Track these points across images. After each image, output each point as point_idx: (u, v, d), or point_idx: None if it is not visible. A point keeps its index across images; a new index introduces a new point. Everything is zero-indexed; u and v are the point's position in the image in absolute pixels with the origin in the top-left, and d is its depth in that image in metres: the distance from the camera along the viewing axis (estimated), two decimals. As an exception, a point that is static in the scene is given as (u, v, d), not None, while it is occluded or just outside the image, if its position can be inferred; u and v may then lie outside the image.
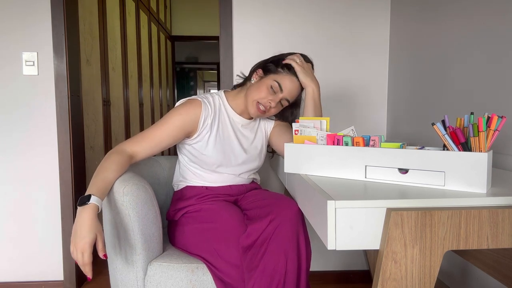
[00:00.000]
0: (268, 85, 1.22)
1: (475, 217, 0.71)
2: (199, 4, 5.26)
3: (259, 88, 1.23)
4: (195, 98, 1.27)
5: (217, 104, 1.30)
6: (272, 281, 1.03)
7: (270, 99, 1.22)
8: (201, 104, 1.25)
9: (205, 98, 1.28)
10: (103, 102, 2.54)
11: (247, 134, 1.35)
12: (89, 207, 0.98)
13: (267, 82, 1.23)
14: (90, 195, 1.00)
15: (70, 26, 1.88)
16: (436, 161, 0.81)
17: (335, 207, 0.71)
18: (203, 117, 1.25)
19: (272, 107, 1.24)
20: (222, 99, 1.33)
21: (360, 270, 2.05)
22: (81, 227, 0.96)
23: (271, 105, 1.22)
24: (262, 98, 1.22)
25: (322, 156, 0.98)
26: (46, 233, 1.93)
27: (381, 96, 1.99)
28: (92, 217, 0.97)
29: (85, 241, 0.95)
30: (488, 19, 1.23)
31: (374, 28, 1.95)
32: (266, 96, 1.22)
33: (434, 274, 0.71)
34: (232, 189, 1.35)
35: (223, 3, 1.87)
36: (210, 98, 1.30)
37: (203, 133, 1.26)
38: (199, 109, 1.24)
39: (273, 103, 1.22)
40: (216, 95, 1.33)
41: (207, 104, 1.26)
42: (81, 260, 0.95)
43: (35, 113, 1.87)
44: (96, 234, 0.97)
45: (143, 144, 1.19)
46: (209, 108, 1.26)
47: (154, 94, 4.18)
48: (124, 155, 1.15)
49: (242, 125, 1.34)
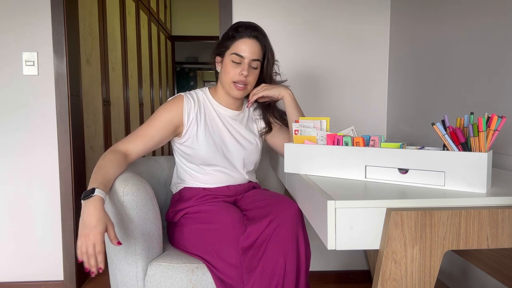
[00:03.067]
0: (229, 61, 1.24)
1: (475, 217, 0.71)
2: (199, 4, 5.26)
3: (225, 70, 1.25)
4: (179, 94, 1.30)
5: (200, 98, 1.32)
6: (271, 281, 1.03)
7: (238, 71, 1.23)
8: (183, 98, 1.27)
9: (188, 93, 1.31)
10: (103, 102, 2.54)
11: (238, 126, 1.35)
12: (95, 199, 0.97)
13: (227, 60, 1.25)
14: (93, 188, 0.99)
15: (70, 26, 1.88)
16: (436, 161, 0.81)
17: (335, 207, 0.71)
18: (186, 110, 1.26)
19: (247, 76, 1.24)
20: (206, 93, 1.35)
21: (360, 270, 2.05)
22: (90, 218, 0.94)
23: (244, 74, 1.23)
24: (233, 76, 1.24)
25: (322, 156, 0.97)
26: (46, 233, 1.93)
27: (381, 96, 1.99)
28: (99, 208, 0.95)
29: (97, 230, 0.93)
30: (489, 18, 1.23)
31: (374, 27, 1.94)
32: (234, 71, 1.24)
33: (434, 274, 0.71)
34: (230, 189, 1.34)
35: (223, 3, 1.87)
36: (193, 93, 1.32)
37: (191, 128, 1.27)
38: (181, 103, 1.26)
39: (244, 71, 1.23)
40: (200, 91, 1.35)
41: (189, 97, 1.28)
42: (92, 251, 0.92)
43: (35, 113, 1.87)
44: (106, 224, 0.95)
45: (135, 142, 1.21)
46: (191, 101, 1.28)
47: (154, 94, 4.18)
48: (119, 154, 1.16)
49: (230, 117, 1.34)
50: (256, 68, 1.27)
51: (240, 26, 1.24)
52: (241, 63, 1.23)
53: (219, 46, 1.28)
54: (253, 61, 1.24)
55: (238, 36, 1.23)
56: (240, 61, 1.23)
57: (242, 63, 1.23)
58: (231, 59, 1.23)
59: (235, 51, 1.23)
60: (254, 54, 1.23)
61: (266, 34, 1.28)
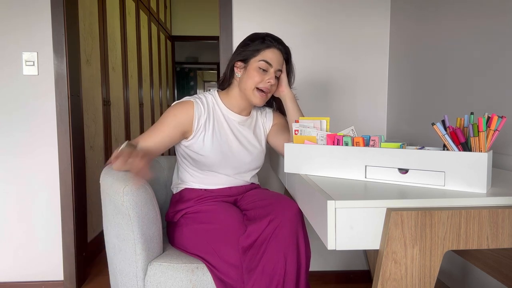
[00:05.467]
0: (256, 67, 1.24)
1: (475, 217, 0.71)
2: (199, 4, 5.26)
3: (250, 76, 1.25)
4: (188, 99, 1.28)
5: (210, 102, 1.31)
6: (271, 281, 1.03)
7: (266, 79, 1.25)
8: (193, 104, 1.26)
9: (198, 98, 1.29)
10: (103, 102, 2.54)
11: (245, 132, 1.35)
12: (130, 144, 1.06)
13: (254, 66, 1.25)
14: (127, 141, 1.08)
15: (70, 26, 1.88)
16: (436, 161, 0.81)
17: (335, 207, 0.71)
18: (197, 116, 1.25)
19: (272, 85, 1.27)
20: (215, 97, 1.34)
21: (360, 270, 2.05)
22: None
23: (271, 83, 1.25)
24: (259, 82, 1.25)
25: (322, 156, 0.97)
26: (46, 233, 1.93)
27: (381, 96, 1.99)
28: None
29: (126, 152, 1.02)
30: (489, 18, 1.23)
31: (374, 27, 1.94)
32: (261, 78, 1.24)
33: (434, 274, 0.71)
34: (231, 190, 1.34)
35: (223, 3, 1.87)
36: (202, 98, 1.30)
37: (199, 133, 1.26)
38: (192, 110, 1.25)
39: (272, 80, 1.25)
40: (209, 94, 1.34)
41: (199, 103, 1.27)
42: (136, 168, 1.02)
43: (35, 113, 1.88)
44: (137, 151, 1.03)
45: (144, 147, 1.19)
46: (201, 107, 1.27)
47: (154, 94, 4.18)
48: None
49: (238, 123, 1.34)
50: (278, 78, 1.29)
51: (268, 36, 1.27)
52: (267, 71, 1.25)
53: (242, 51, 1.28)
54: (278, 71, 1.27)
55: (265, 46, 1.24)
56: (267, 69, 1.25)
57: (269, 71, 1.25)
58: (258, 65, 1.24)
59: (264, 58, 1.24)
60: (279, 64, 1.27)
61: (288, 48, 1.31)
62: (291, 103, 1.32)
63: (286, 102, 1.33)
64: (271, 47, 1.25)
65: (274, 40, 1.26)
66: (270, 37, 1.26)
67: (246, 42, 1.29)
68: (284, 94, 1.32)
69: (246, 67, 1.26)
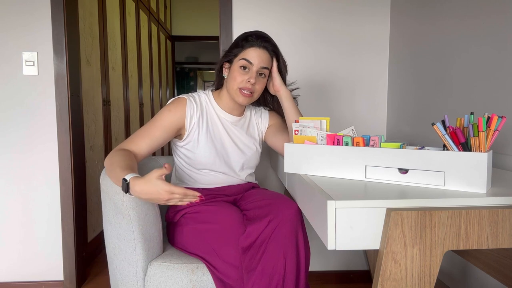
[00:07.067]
0: (237, 67, 1.24)
1: (475, 217, 0.71)
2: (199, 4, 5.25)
3: (233, 76, 1.25)
4: (181, 96, 1.29)
5: (203, 101, 1.31)
6: (271, 281, 1.03)
7: (246, 78, 1.23)
8: (186, 101, 1.26)
9: (191, 96, 1.30)
10: (103, 102, 2.54)
11: (238, 132, 1.36)
12: (134, 182, 0.98)
13: (235, 66, 1.24)
14: (124, 179, 0.99)
15: (70, 26, 1.88)
16: (436, 161, 0.81)
17: (335, 207, 0.71)
18: (189, 113, 1.25)
19: (254, 84, 1.24)
20: (209, 97, 1.34)
21: (360, 270, 2.05)
22: (148, 191, 0.96)
23: (251, 82, 1.23)
24: (240, 82, 1.23)
25: (322, 156, 0.97)
26: (46, 233, 1.93)
27: (381, 96, 1.99)
28: (143, 182, 0.96)
29: (159, 191, 0.96)
30: (489, 18, 1.23)
31: (374, 27, 1.94)
32: (242, 77, 1.23)
33: (434, 274, 0.71)
34: (230, 189, 1.35)
35: (223, 3, 1.87)
36: (196, 96, 1.31)
37: (192, 131, 1.27)
38: (184, 106, 1.25)
39: (252, 79, 1.23)
40: (203, 94, 1.34)
41: (192, 101, 1.27)
42: (178, 198, 0.98)
43: (35, 113, 1.88)
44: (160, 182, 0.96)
45: (140, 143, 1.20)
46: (194, 105, 1.27)
47: (154, 94, 4.18)
48: (126, 151, 1.16)
49: (231, 123, 1.35)
50: (264, 77, 1.27)
51: (251, 35, 1.24)
52: (249, 70, 1.23)
53: (228, 52, 1.28)
54: (262, 69, 1.25)
55: (248, 45, 1.23)
56: (249, 68, 1.23)
57: (250, 70, 1.23)
58: (239, 64, 1.23)
59: (244, 57, 1.23)
60: (262, 62, 1.24)
61: (276, 45, 1.28)
62: (288, 102, 1.31)
63: (282, 101, 1.32)
64: (254, 46, 1.23)
65: (257, 37, 1.24)
66: (253, 36, 1.24)
67: (233, 43, 1.29)
68: (280, 94, 1.31)
69: (231, 67, 1.27)
